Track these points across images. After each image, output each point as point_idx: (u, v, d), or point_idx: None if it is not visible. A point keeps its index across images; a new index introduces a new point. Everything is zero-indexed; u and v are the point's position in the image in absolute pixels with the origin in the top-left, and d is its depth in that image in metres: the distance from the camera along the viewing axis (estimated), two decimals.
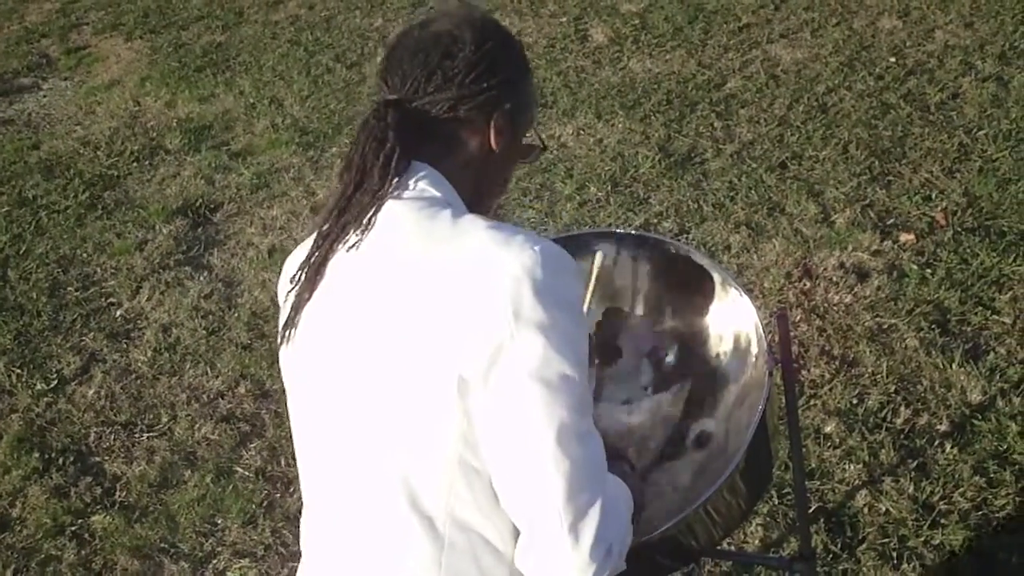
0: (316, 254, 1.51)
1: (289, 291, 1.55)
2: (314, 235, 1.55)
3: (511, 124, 1.57)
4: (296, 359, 1.57)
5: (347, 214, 1.48)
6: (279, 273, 1.70)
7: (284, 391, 1.65)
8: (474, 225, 1.42)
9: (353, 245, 1.46)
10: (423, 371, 1.38)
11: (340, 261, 1.49)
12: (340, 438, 1.51)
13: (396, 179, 1.47)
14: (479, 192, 1.57)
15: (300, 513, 3.25)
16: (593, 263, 2.17)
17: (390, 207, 1.46)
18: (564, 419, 1.34)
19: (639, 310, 2.27)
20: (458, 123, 1.53)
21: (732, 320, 2.12)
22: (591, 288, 2.17)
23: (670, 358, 2.23)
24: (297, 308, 1.53)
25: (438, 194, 1.48)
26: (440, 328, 1.36)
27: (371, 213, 1.46)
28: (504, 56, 1.57)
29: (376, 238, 1.45)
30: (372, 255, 1.46)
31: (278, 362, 1.66)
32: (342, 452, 1.51)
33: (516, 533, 1.44)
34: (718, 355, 2.17)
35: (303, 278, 1.52)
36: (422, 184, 1.49)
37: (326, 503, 1.58)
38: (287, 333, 1.55)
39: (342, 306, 1.49)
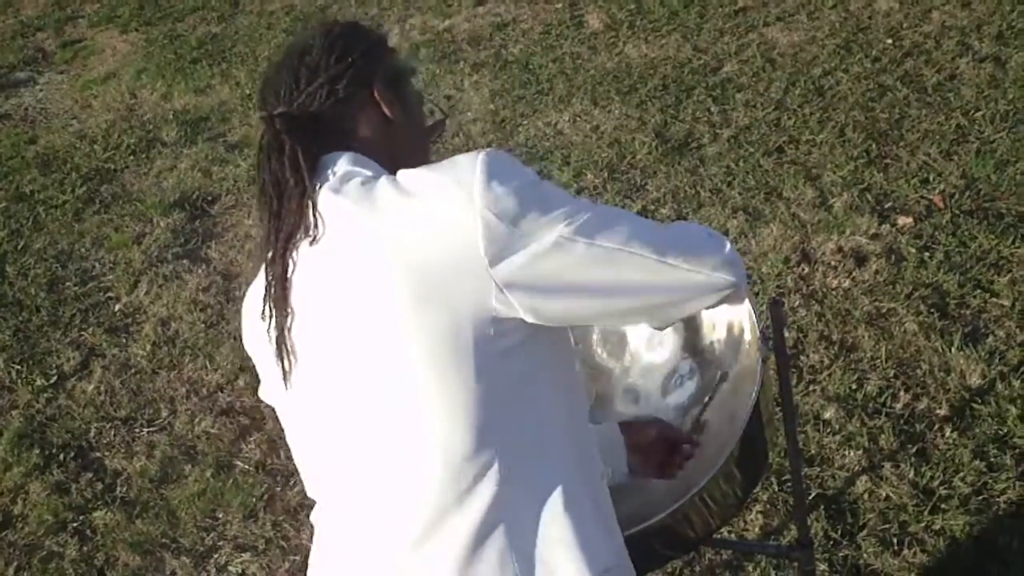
0: (272, 278, 1.51)
1: (267, 328, 1.53)
2: (261, 269, 1.56)
3: (393, 92, 1.62)
4: (303, 386, 1.54)
5: (283, 227, 1.49)
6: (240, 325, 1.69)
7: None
8: (414, 172, 1.45)
9: (313, 239, 1.47)
10: (446, 335, 1.38)
11: (302, 266, 1.49)
12: (372, 446, 1.48)
13: (312, 175, 1.49)
14: (398, 163, 1.56)
15: (300, 507, 3.25)
16: None
17: (325, 198, 1.47)
18: (606, 221, 1.42)
19: None
20: (343, 105, 1.58)
21: (725, 308, 2.11)
22: None
23: (689, 378, 2.23)
24: (282, 335, 1.51)
25: (367, 172, 1.51)
26: (449, 283, 1.37)
27: (310, 210, 1.47)
28: (354, 35, 1.64)
29: (328, 230, 1.46)
30: (332, 245, 1.46)
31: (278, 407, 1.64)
32: (375, 458, 1.48)
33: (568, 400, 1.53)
34: (712, 343, 2.17)
35: (273, 306, 1.51)
36: (344, 167, 1.51)
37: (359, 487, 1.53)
38: (285, 365, 1.52)
39: (329, 310, 1.47)
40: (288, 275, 1.50)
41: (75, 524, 3.46)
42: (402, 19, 6.66)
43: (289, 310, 1.50)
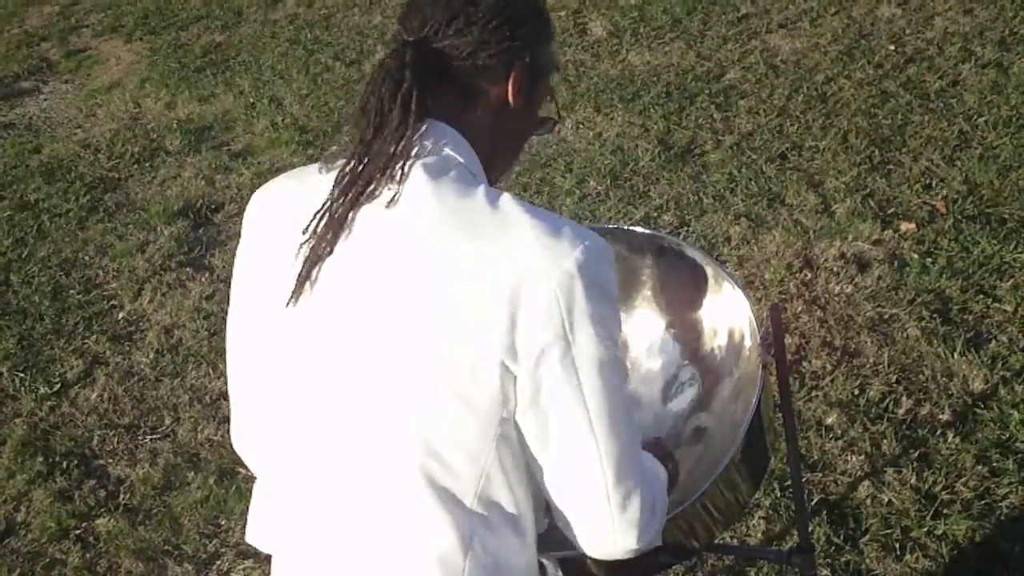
0: (339, 204, 1.43)
1: (304, 242, 1.44)
2: (315, 176, 1.50)
3: (529, 81, 1.53)
4: (308, 318, 1.46)
5: (370, 163, 1.42)
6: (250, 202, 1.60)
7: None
8: (516, 214, 1.39)
9: (391, 201, 1.40)
10: (462, 358, 1.35)
11: (370, 218, 1.42)
12: (353, 416, 1.45)
13: (419, 128, 1.42)
14: (494, 156, 1.53)
15: None
16: None
17: (418, 171, 1.40)
18: (615, 401, 1.40)
19: (635, 306, 2.27)
20: (477, 71, 1.48)
21: (726, 314, 2.12)
22: None
23: (663, 350, 2.23)
24: (315, 262, 1.43)
25: (461, 160, 1.44)
26: (485, 320, 1.34)
27: (400, 164, 1.40)
28: (529, 9, 1.54)
29: (411, 205, 1.39)
30: (408, 224, 1.39)
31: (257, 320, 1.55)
32: (354, 433, 1.45)
33: (536, 517, 1.51)
34: (712, 349, 2.17)
35: (323, 229, 1.43)
36: (445, 148, 1.44)
37: (325, 488, 1.51)
38: (301, 288, 1.44)
39: (374, 270, 1.41)
40: (350, 214, 1.42)
41: (78, 531, 3.46)
42: None
43: (331, 248, 1.42)
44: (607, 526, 1.43)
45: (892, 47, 5.40)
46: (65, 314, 4.55)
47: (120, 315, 4.50)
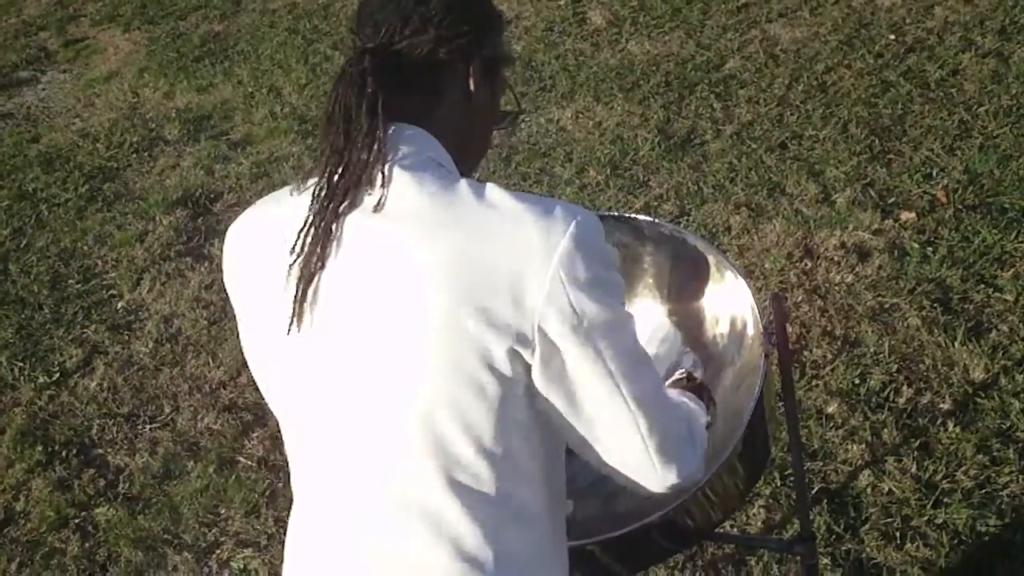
0: (321, 217, 1.42)
1: (292, 263, 1.43)
2: (282, 200, 1.50)
3: (488, 74, 1.55)
4: (316, 338, 1.45)
5: (346, 173, 1.41)
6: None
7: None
8: (503, 200, 1.39)
9: (377, 205, 1.39)
10: (470, 350, 1.35)
11: (357, 226, 1.41)
12: (371, 425, 1.44)
13: (387, 132, 1.42)
14: (463, 151, 1.53)
15: None
16: None
17: (398, 174, 1.40)
18: (634, 357, 1.43)
19: (636, 294, 2.27)
20: (438, 68, 1.49)
21: (728, 303, 2.11)
22: None
23: (665, 339, 2.22)
24: (310, 279, 1.42)
25: (439, 160, 1.45)
26: (489, 308, 1.34)
27: (379, 168, 1.40)
28: (481, 5, 1.56)
29: (395, 207, 1.39)
30: (396, 226, 1.38)
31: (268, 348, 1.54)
32: (375, 440, 1.45)
33: (557, 502, 1.55)
34: (714, 338, 2.16)
35: (309, 245, 1.41)
36: (417, 148, 1.44)
37: (347, 500, 1.51)
38: (300, 309, 1.43)
39: (371, 277, 1.40)
40: (334, 225, 1.41)
41: (77, 520, 3.46)
42: None
43: (322, 263, 1.42)
44: (650, 470, 1.47)
45: (892, 36, 5.39)
46: (64, 303, 4.54)
47: (119, 304, 4.49)
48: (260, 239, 1.52)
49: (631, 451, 1.46)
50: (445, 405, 1.38)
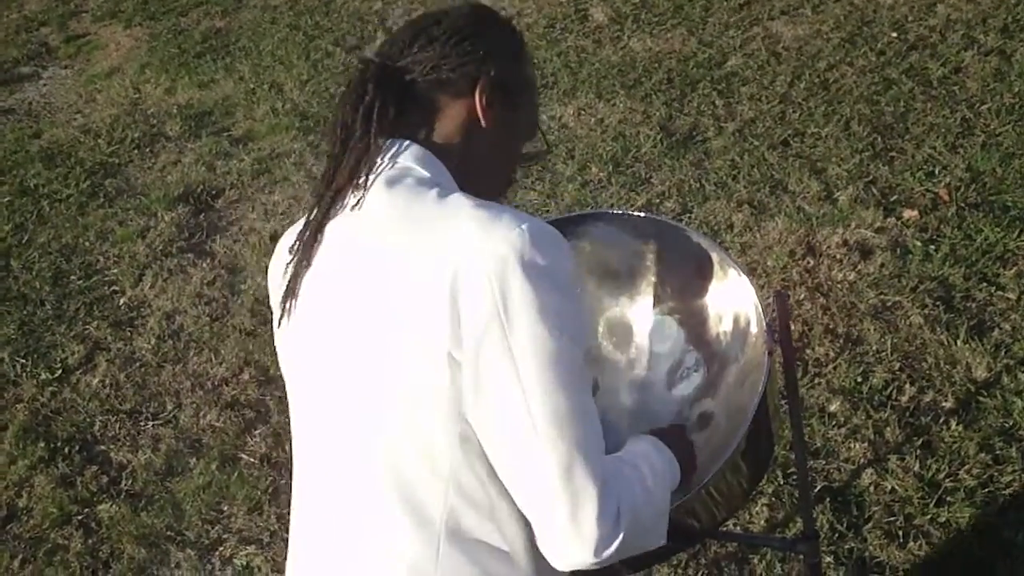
0: (312, 219, 1.50)
1: (288, 262, 1.52)
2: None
3: (499, 99, 1.53)
4: (294, 335, 1.54)
5: (337, 177, 1.48)
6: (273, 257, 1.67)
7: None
8: (459, 204, 1.39)
9: (355, 205, 1.44)
10: (414, 353, 1.35)
11: (337, 226, 1.48)
12: (330, 423, 1.49)
13: (380, 141, 1.46)
14: (472, 176, 1.53)
15: None
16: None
17: (378, 182, 1.44)
18: (559, 398, 1.31)
19: (639, 291, 2.26)
20: (439, 86, 1.51)
21: (731, 300, 2.11)
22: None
23: (668, 336, 2.22)
24: (296, 277, 1.50)
25: (426, 173, 1.46)
26: (430, 310, 1.34)
27: (364, 173, 1.45)
28: (494, 29, 1.57)
29: (367, 212, 1.44)
30: (362, 230, 1.44)
31: (276, 343, 1.62)
32: (332, 438, 1.49)
33: (523, 523, 1.41)
34: (718, 335, 2.16)
35: (301, 246, 1.50)
36: (406, 162, 1.47)
37: (315, 495, 1.55)
38: (287, 305, 1.51)
39: (336, 277, 1.46)
40: (323, 225, 1.48)
41: (80, 517, 3.46)
42: (408, 12, 6.65)
43: (308, 261, 1.49)
44: (556, 535, 1.32)
45: (894, 34, 5.39)
46: (66, 300, 4.54)
47: (121, 301, 4.49)
48: (285, 243, 1.60)
49: (537, 505, 1.33)
50: (392, 413, 1.39)
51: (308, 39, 6.67)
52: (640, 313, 2.27)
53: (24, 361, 4.19)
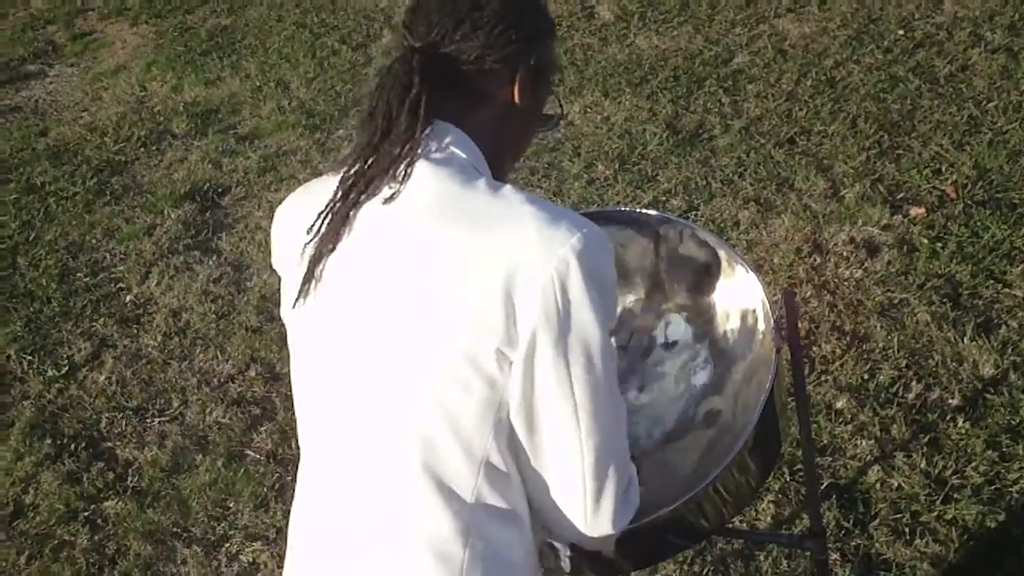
0: (341, 204, 1.47)
1: (307, 242, 1.49)
2: (326, 182, 1.52)
3: (534, 81, 1.55)
4: (315, 315, 1.51)
5: (375, 164, 1.45)
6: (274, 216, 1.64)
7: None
8: (516, 201, 1.41)
9: (390, 198, 1.43)
10: (461, 343, 1.37)
11: (370, 214, 1.45)
12: (353, 403, 1.48)
13: (425, 130, 1.45)
14: (500, 154, 1.55)
15: None
16: None
17: (422, 167, 1.43)
18: (602, 392, 1.42)
19: (646, 289, 2.26)
20: (483, 75, 1.50)
21: (739, 297, 2.11)
22: None
23: (675, 333, 2.22)
24: (318, 260, 1.47)
25: (465, 156, 1.46)
26: (483, 305, 1.36)
27: (404, 164, 1.43)
28: (532, 10, 1.57)
29: (411, 198, 1.42)
30: (408, 216, 1.42)
31: (282, 324, 1.60)
32: (355, 417, 1.48)
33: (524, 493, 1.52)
34: (725, 333, 2.16)
35: (325, 228, 1.47)
36: (450, 146, 1.46)
37: (329, 478, 1.53)
38: (307, 287, 1.49)
39: (373, 263, 1.44)
40: (353, 212, 1.46)
41: (86, 513, 3.47)
42: None
43: (333, 245, 1.46)
44: (580, 512, 1.48)
45: (901, 32, 5.38)
46: (73, 297, 4.55)
47: (128, 298, 4.50)
48: (296, 218, 1.56)
49: (568, 486, 1.47)
50: (430, 398, 1.40)
51: (314, 37, 6.67)
52: (647, 310, 2.27)
53: (31, 358, 4.19)
